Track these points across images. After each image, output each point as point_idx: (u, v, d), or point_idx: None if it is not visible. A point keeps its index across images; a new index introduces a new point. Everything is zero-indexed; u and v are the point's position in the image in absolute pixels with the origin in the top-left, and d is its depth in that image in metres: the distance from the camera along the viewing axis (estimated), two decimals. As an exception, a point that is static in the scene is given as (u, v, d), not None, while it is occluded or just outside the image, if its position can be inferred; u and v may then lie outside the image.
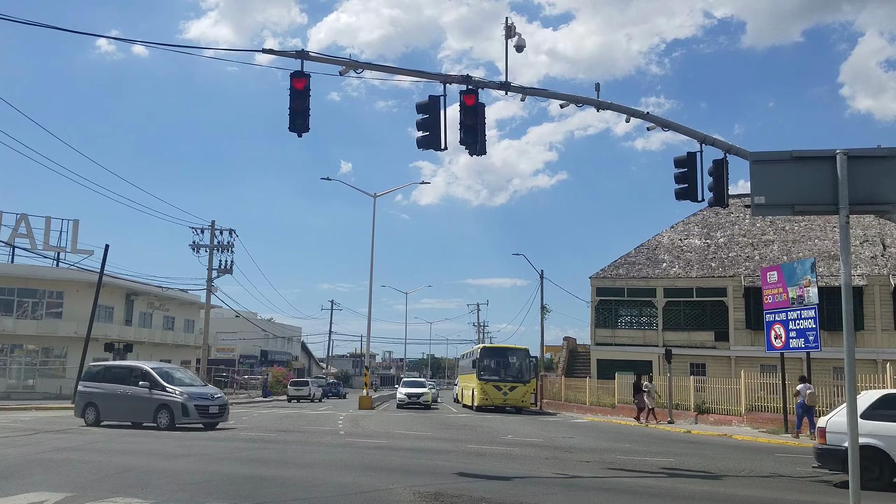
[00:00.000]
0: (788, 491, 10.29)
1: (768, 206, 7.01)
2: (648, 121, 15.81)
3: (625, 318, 40.21)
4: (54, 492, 8.47)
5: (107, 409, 20.55)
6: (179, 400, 19.56)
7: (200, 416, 19.78)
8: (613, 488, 10.10)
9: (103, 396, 20.60)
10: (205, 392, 20.83)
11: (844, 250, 6.76)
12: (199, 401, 19.89)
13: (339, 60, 14.44)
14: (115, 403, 20.45)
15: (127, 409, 20.38)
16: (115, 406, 20.51)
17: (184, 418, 19.47)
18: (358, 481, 9.76)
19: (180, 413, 19.44)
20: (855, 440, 6.61)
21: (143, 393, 19.88)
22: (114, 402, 20.47)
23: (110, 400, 20.54)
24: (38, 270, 44.35)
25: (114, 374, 21.17)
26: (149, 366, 21.26)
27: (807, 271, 21.99)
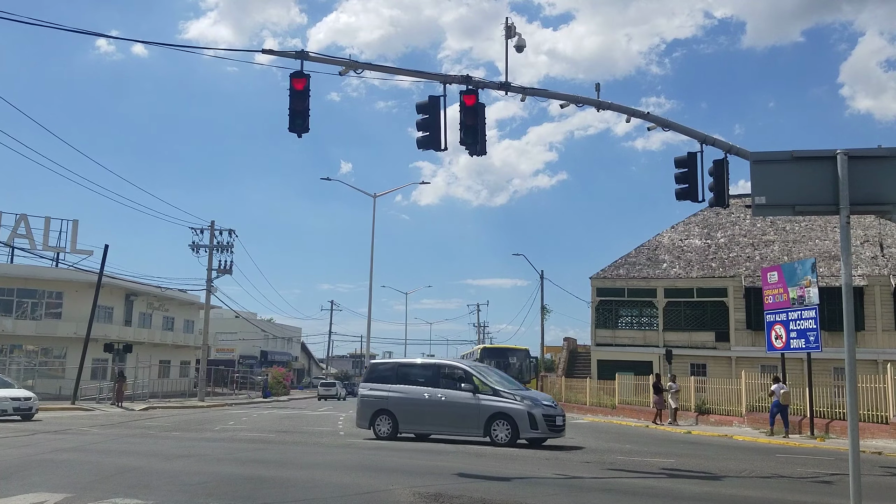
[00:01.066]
0: (789, 492, 10.27)
1: (769, 207, 7.00)
2: (649, 121, 15.81)
3: (625, 319, 40.22)
4: (54, 492, 8.45)
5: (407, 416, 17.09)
6: (523, 408, 15.91)
7: (549, 429, 16.09)
8: (614, 489, 10.08)
9: (400, 402, 17.05)
10: (544, 399, 17.25)
11: (845, 250, 6.75)
12: (544, 409, 16.25)
13: (338, 61, 14.44)
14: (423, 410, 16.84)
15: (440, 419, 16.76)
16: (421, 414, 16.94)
17: (532, 431, 15.82)
18: (358, 482, 9.75)
19: (527, 425, 15.79)
20: (856, 439, 6.59)
21: (466, 399, 16.24)
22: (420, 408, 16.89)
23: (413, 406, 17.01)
24: (38, 271, 44.34)
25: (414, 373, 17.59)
26: (466, 365, 17.61)
27: (807, 271, 21.97)
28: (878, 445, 17.61)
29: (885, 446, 17.46)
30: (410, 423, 17.08)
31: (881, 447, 17.24)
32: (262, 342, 77.78)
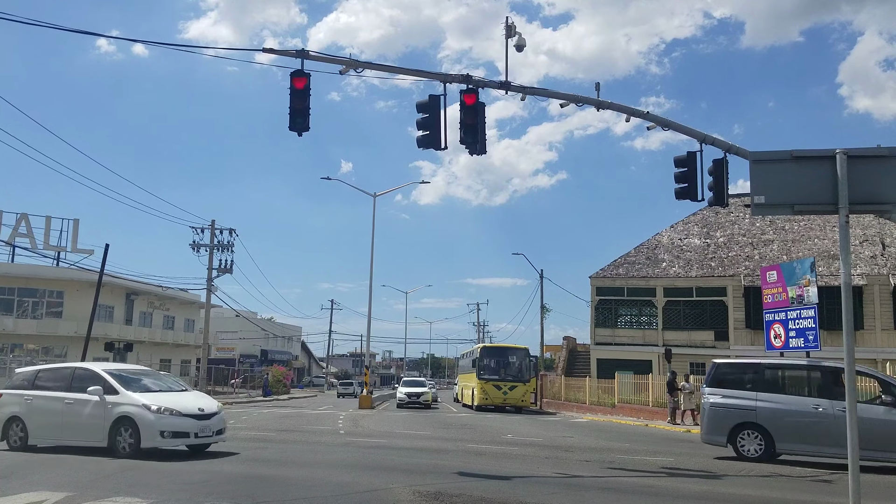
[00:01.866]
0: (789, 490, 10.29)
1: (768, 206, 7.02)
2: (648, 120, 15.82)
3: (625, 318, 40.23)
4: (54, 491, 8.47)
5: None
6: None
7: None
8: (614, 488, 10.10)
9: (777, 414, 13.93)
10: None
11: (844, 250, 6.77)
12: None
13: (339, 60, 14.44)
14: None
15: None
16: None
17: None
18: (358, 480, 9.77)
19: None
20: (855, 439, 6.61)
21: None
22: None
23: None
24: (39, 270, 44.38)
25: None
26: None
27: (806, 271, 21.97)
28: (878, 444, 17.59)
29: (885, 445, 17.44)
30: (792, 442, 13.69)
31: (880, 446, 17.22)
32: (262, 341, 77.81)
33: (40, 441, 13.61)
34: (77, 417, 12.88)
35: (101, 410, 12.62)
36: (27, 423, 13.56)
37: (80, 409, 12.88)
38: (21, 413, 13.67)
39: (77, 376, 13.46)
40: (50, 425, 13.35)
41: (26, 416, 13.60)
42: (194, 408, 12.95)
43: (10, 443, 13.69)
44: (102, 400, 12.67)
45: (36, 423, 13.53)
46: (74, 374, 13.61)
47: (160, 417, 12.32)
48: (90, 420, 12.71)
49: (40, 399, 13.56)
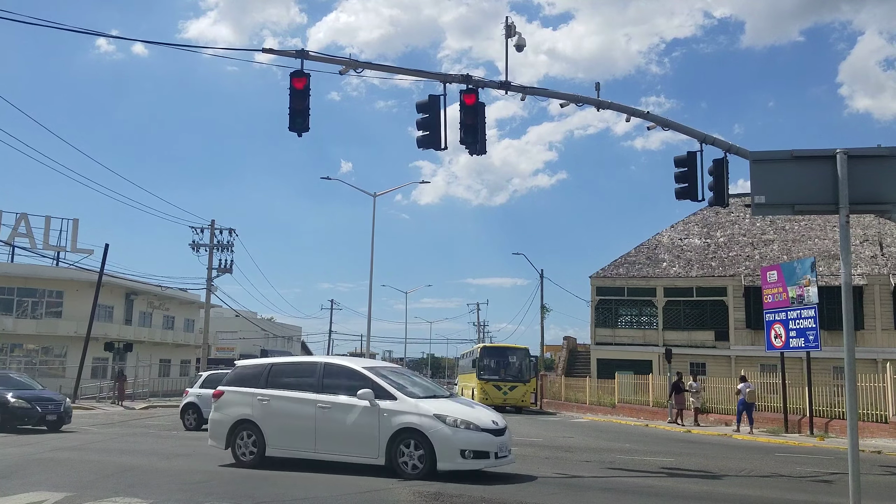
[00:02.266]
0: (789, 491, 10.29)
1: (768, 206, 7.00)
2: (648, 120, 15.81)
3: (625, 318, 40.23)
4: (54, 491, 8.47)
5: None
6: None
7: None
8: (614, 488, 10.09)
9: None
10: None
11: (845, 250, 6.76)
12: None
13: (339, 60, 14.44)
14: None
15: None
16: None
17: None
18: (358, 481, 9.75)
19: None
20: (855, 439, 6.61)
21: None
22: None
23: None
24: (38, 270, 44.36)
25: None
26: None
27: (806, 271, 21.99)
28: (878, 444, 17.63)
29: (885, 445, 17.47)
30: None
31: (881, 446, 17.26)
32: (262, 341, 77.73)
33: (280, 452, 10.99)
34: (337, 426, 10.59)
35: (374, 419, 10.29)
36: (264, 429, 11.03)
37: (340, 415, 10.58)
38: (254, 417, 11.15)
39: (329, 372, 11.12)
40: (294, 433, 10.88)
41: (262, 421, 11.08)
42: (489, 421, 10.44)
43: (239, 455, 11.16)
44: (375, 406, 10.32)
45: (274, 430, 11.01)
46: (325, 370, 11.18)
47: (457, 432, 9.98)
48: (357, 430, 10.43)
49: (280, 400, 11.10)
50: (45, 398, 19.19)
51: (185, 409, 20.91)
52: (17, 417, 18.25)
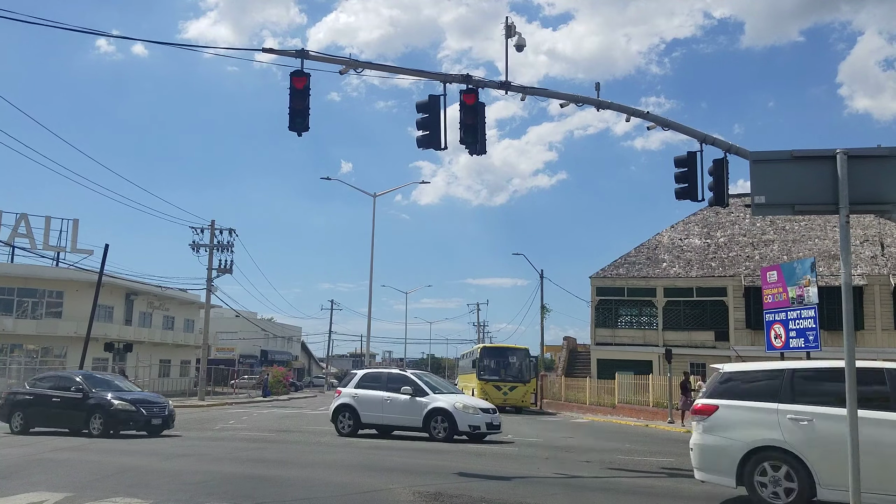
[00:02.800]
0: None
1: (768, 206, 7.00)
2: (648, 120, 15.80)
3: (625, 318, 40.20)
4: (54, 492, 8.47)
5: None
6: None
7: None
8: (614, 488, 10.09)
9: None
10: None
11: (845, 250, 6.75)
12: None
13: (339, 60, 14.43)
14: None
15: None
16: None
17: None
18: (358, 481, 9.76)
19: None
20: (855, 439, 6.60)
21: None
22: None
23: None
24: (38, 270, 44.34)
25: None
26: None
27: (806, 271, 21.98)
28: (878, 445, 17.57)
29: (885, 445, 17.42)
30: None
31: (881, 446, 17.20)
32: (262, 341, 77.81)
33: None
34: None
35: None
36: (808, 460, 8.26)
37: None
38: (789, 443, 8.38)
39: None
40: None
41: (803, 450, 8.24)
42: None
43: None
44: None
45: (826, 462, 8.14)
46: None
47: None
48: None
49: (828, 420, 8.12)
50: (149, 401, 18.33)
51: (339, 411, 18.69)
52: (120, 422, 17.25)
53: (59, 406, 17.81)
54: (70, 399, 17.72)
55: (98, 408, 17.28)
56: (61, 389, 18.09)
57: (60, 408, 17.79)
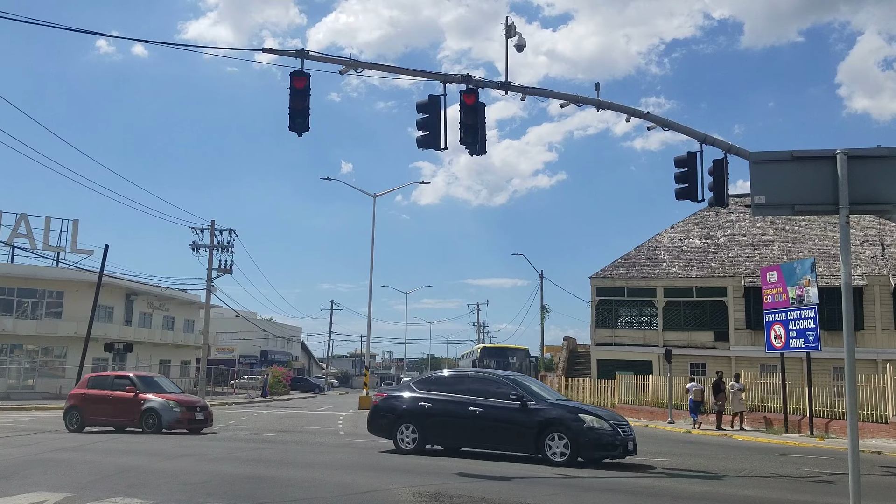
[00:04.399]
0: (789, 491, 10.29)
1: (768, 206, 7.00)
2: (648, 120, 15.82)
3: (625, 318, 40.21)
4: (54, 492, 8.46)
5: None
6: None
7: None
8: (613, 488, 10.09)
9: None
10: None
11: (844, 250, 6.75)
12: None
13: (339, 60, 14.44)
14: None
15: None
16: None
17: None
18: (358, 481, 9.76)
19: None
20: (855, 439, 6.60)
21: None
22: None
23: None
24: (38, 270, 44.32)
25: None
26: None
27: (806, 271, 21.98)
28: (878, 445, 17.62)
29: (885, 446, 17.47)
30: None
31: (881, 447, 17.25)
32: (262, 342, 77.78)
33: None
34: None
35: None
36: None
37: None
38: None
39: None
40: None
41: None
42: None
43: None
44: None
45: None
46: None
47: None
48: None
49: None
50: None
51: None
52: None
53: None
54: None
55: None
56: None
57: None
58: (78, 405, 19.48)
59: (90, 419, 19.33)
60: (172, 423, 18.51)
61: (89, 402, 19.40)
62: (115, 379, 20.09)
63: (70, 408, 19.70)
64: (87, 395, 19.72)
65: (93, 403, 19.34)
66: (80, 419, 19.31)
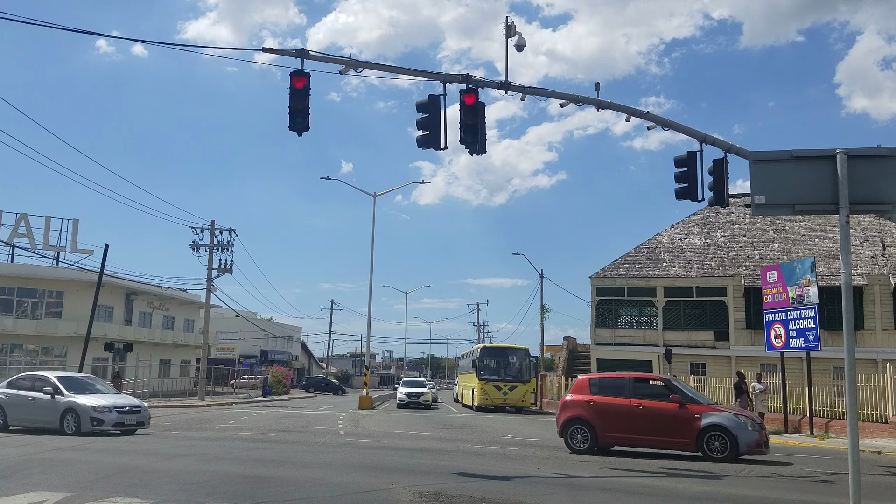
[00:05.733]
0: (789, 491, 10.28)
1: (768, 206, 6.99)
2: (649, 120, 15.80)
3: (625, 318, 40.18)
4: (54, 492, 8.46)
5: None
6: None
7: None
8: (614, 488, 10.09)
9: None
10: None
11: (845, 250, 6.75)
12: None
13: (339, 59, 14.43)
14: None
15: None
16: None
17: None
18: (358, 481, 9.75)
19: None
20: (855, 439, 6.60)
21: None
22: None
23: None
24: (38, 270, 44.30)
25: None
26: None
27: (806, 271, 21.95)
28: (878, 445, 17.61)
29: (885, 446, 17.46)
30: None
31: (881, 446, 17.24)
32: (262, 341, 77.76)
33: None
34: None
35: None
36: None
37: None
38: None
39: None
40: None
41: None
42: None
43: None
44: None
45: None
46: None
47: None
48: None
49: None
50: None
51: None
52: None
53: None
54: None
55: None
56: None
57: None
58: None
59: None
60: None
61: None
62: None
63: None
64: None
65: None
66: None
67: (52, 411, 17.88)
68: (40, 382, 18.85)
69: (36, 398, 18.36)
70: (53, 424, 17.78)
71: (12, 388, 19.17)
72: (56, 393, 18.14)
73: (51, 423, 17.85)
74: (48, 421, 17.95)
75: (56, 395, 18.09)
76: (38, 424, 18.24)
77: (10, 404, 18.72)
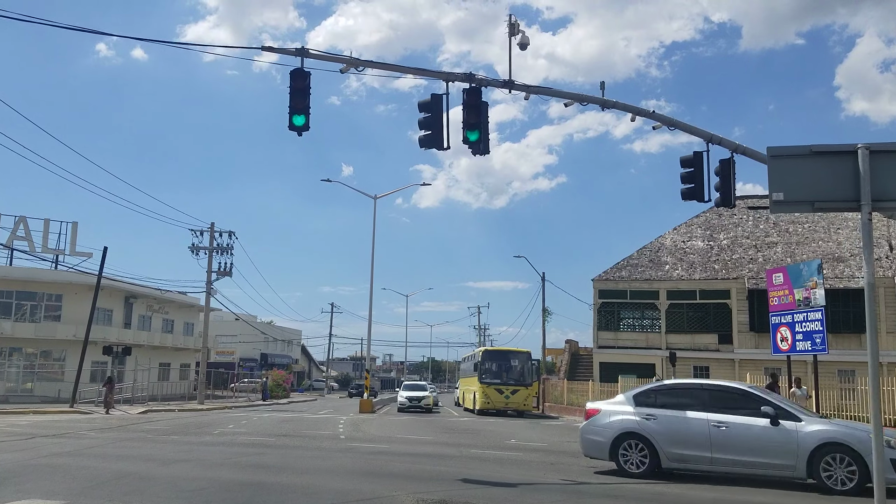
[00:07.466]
0: (801, 498, 10.04)
1: (787, 203, 6.74)
2: (654, 119, 15.59)
3: (627, 321, 39.95)
4: (48, 499, 8.25)
5: None
6: None
7: None
8: (621, 495, 9.84)
9: None
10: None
11: (867, 247, 6.51)
12: None
13: (339, 58, 14.22)
14: None
15: None
16: None
17: None
18: (360, 487, 9.52)
19: None
20: (880, 444, 6.36)
21: None
22: None
23: None
24: (37, 273, 44.10)
25: None
26: None
27: (813, 273, 21.69)
28: (887, 449, 17.35)
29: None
30: None
31: (890, 451, 16.97)
32: (262, 345, 77.56)
33: None
34: None
35: None
36: None
37: None
38: None
39: None
40: None
41: None
42: None
43: None
44: None
45: None
46: None
47: None
48: None
49: None
50: None
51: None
52: None
53: None
54: None
55: None
56: None
57: None
58: None
59: None
60: None
61: None
62: None
63: None
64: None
65: None
66: None
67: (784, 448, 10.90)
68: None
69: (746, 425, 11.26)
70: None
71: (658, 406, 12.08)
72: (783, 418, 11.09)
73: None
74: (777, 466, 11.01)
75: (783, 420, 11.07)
76: None
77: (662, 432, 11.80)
